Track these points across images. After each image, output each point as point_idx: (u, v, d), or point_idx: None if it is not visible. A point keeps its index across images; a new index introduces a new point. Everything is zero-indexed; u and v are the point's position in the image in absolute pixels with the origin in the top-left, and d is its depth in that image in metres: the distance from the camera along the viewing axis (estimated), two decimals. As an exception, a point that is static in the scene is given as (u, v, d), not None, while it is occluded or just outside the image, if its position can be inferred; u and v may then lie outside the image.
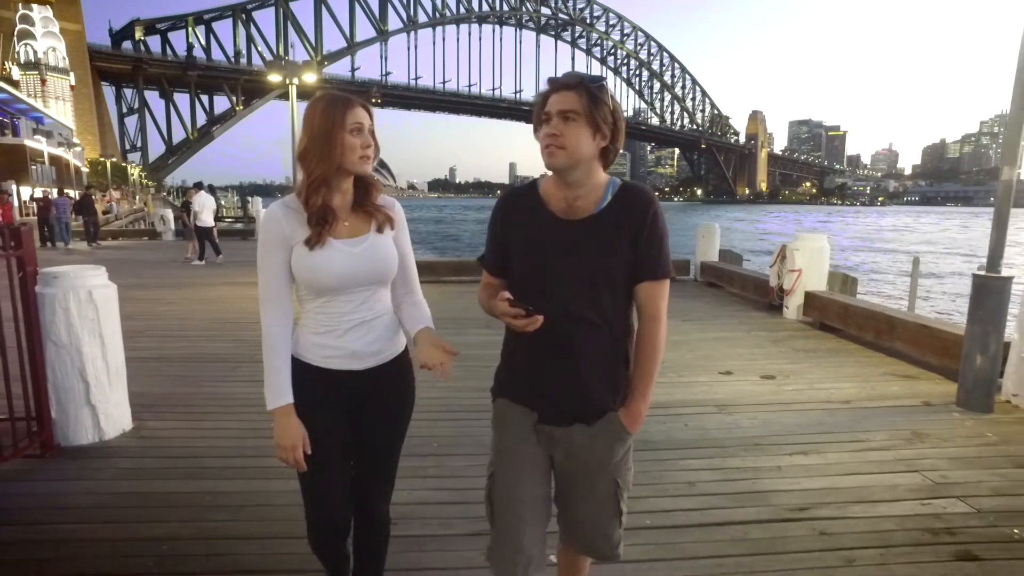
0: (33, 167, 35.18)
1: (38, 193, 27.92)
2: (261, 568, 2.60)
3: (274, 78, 15.20)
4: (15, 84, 43.78)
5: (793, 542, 2.81)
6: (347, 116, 1.68)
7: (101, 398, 3.83)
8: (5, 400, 3.47)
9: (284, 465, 1.78)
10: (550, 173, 1.69)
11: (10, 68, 48.65)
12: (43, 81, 51.26)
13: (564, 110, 1.57)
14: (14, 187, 26.56)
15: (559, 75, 1.64)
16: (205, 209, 13.46)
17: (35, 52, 50.69)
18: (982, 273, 4.49)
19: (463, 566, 2.60)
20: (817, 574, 2.58)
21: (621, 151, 1.77)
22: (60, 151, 41.29)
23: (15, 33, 49.82)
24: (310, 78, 14.73)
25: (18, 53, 50.91)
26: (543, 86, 1.66)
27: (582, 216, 1.65)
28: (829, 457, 3.75)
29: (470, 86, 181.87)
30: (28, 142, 34.40)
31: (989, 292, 4.44)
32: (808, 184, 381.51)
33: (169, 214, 22.56)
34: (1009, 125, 4.32)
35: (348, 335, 1.80)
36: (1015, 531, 2.91)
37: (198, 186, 14.25)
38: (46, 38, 51.55)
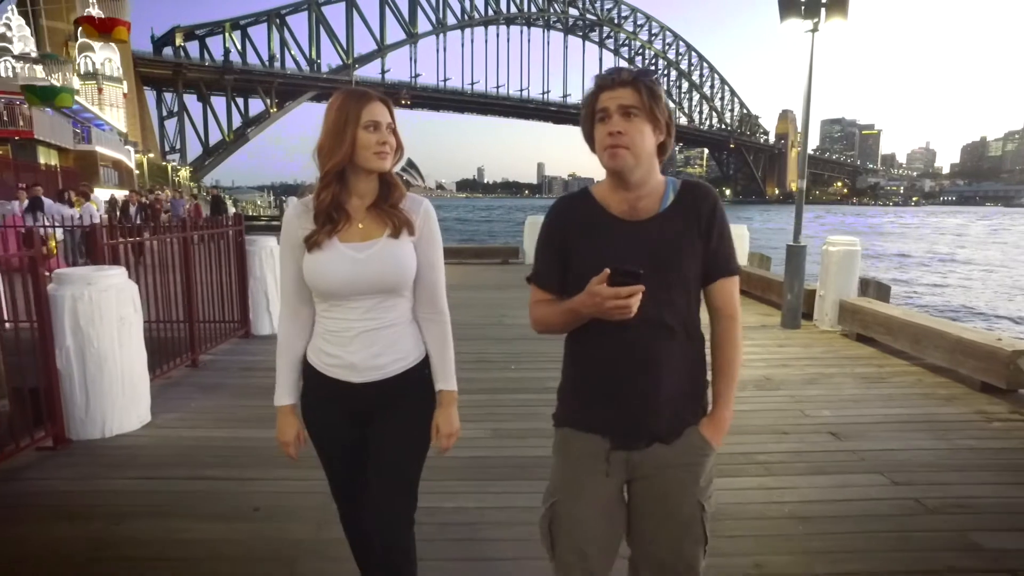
0: (102, 170, 39.24)
1: (106, 194, 31.24)
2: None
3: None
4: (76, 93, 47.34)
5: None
6: (361, 112, 1.64)
7: (273, 309, 6.91)
8: (227, 310, 6.55)
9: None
10: (597, 180, 1.65)
11: (70, 79, 52.33)
12: (100, 90, 55.21)
13: (625, 105, 1.48)
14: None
15: (606, 72, 1.53)
16: None
17: (93, 63, 54.82)
18: (791, 243, 7.35)
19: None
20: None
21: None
22: (124, 156, 45.38)
23: (76, 46, 53.89)
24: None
25: (78, 64, 54.81)
26: (588, 84, 1.56)
27: (646, 216, 1.56)
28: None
29: (498, 87, 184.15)
30: (98, 148, 38.43)
31: (793, 254, 7.31)
32: (839, 184, 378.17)
33: (231, 212, 26.07)
34: (801, 146, 7.18)
35: (351, 345, 1.74)
36: (763, 377, 5.79)
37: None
38: (103, 50, 55.48)
